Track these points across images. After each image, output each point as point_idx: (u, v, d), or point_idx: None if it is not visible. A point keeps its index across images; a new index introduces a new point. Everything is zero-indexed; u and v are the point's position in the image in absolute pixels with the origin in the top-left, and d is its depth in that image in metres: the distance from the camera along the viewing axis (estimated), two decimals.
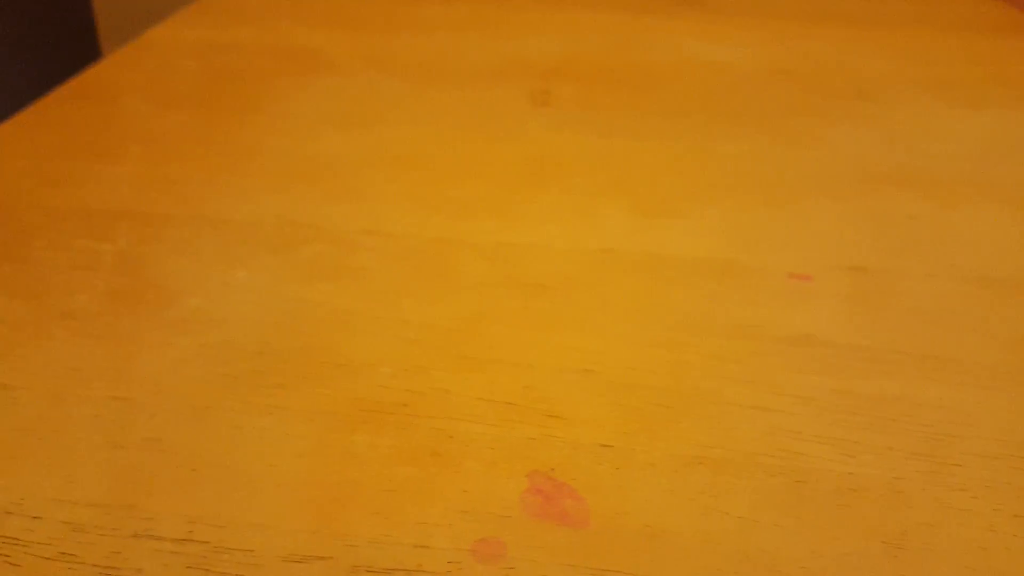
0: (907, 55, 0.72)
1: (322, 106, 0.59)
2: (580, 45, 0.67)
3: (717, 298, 0.39)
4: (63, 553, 0.28)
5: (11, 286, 0.40)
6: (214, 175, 0.50)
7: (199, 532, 0.28)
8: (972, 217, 0.46)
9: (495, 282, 0.41)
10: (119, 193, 0.48)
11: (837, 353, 0.36)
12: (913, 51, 0.73)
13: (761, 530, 0.28)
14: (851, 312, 0.38)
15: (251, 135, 0.55)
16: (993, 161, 0.53)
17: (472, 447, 0.32)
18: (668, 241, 0.43)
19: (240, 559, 0.28)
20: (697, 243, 0.43)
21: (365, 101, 0.60)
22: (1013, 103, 0.62)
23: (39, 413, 0.33)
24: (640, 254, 0.41)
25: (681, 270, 0.41)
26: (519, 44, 0.68)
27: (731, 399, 0.34)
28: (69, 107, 0.58)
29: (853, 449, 0.31)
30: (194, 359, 0.36)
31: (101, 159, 0.52)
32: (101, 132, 0.55)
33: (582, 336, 0.37)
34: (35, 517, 0.29)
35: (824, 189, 0.49)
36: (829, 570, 0.27)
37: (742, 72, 0.67)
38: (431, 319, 0.38)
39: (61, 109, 0.58)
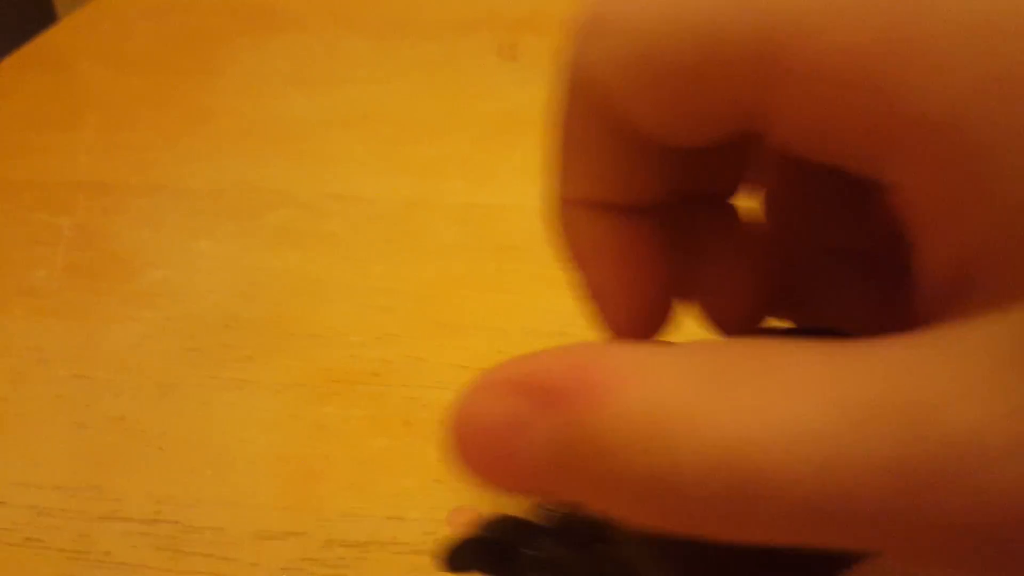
0: None
1: (283, 66, 0.57)
2: None
3: None
4: (29, 539, 0.27)
5: None
6: (174, 141, 0.49)
7: (168, 512, 0.28)
8: None
9: (467, 245, 0.40)
10: (76, 163, 0.47)
11: None
12: None
13: None
14: None
15: (211, 98, 0.53)
16: None
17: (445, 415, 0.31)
18: None
19: (210, 538, 0.27)
20: None
21: (328, 59, 0.58)
22: None
23: (0, 394, 0.32)
24: None
25: None
26: None
27: None
28: (23, 75, 0.57)
29: None
30: (159, 334, 0.35)
31: (57, 128, 0.50)
32: (56, 100, 0.54)
33: (556, 298, 0.36)
34: None
35: None
36: None
37: None
38: (402, 285, 0.38)
39: (14, 77, 0.56)
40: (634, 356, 0.14)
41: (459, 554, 0.23)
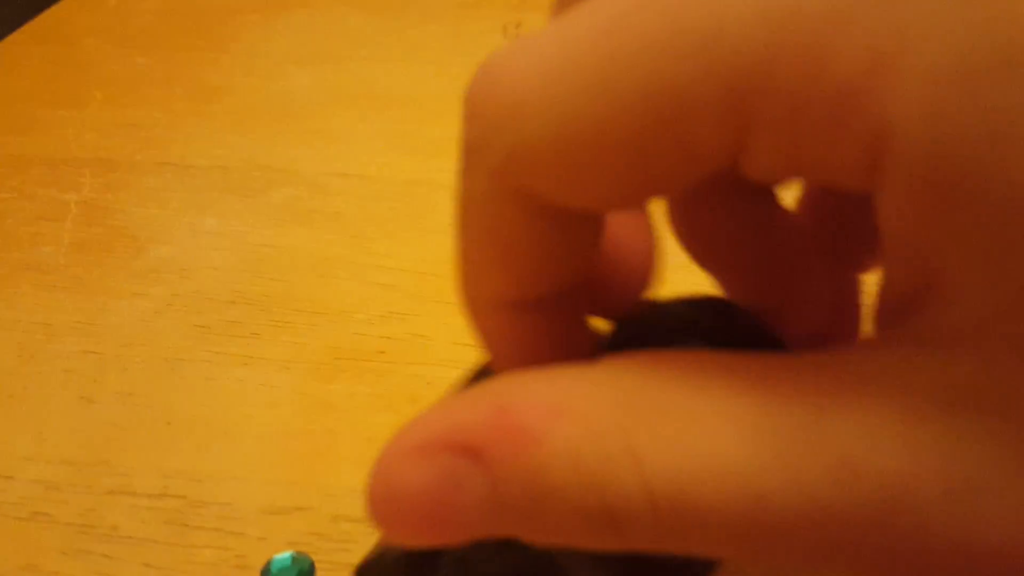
0: None
1: (289, 44, 0.57)
2: None
3: None
4: (37, 513, 0.27)
5: None
6: (179, 119, 0.49)
7: (175, 487, 0.28)
8: None
9: None
10: (83, 140, 0.47)
11: None
12: None
13: None
14: None
15: (216, 76, 0.53)
16: None
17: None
18: None
19: (218, 513, 0.27)
20: None
21: (334, 37, 0.58)
22: None
23: (8, 369, 0.32)
24: None
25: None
26: None
27: None
28: (28, 51, 0.56)
29: None
30: (165, 310, 0.35)
31: (63, 105, 0.50)
32: (62, 76, 0.54)
33: None
34: (7, 477, 0.28)
35: None
36: None
37: None
38: (407, 263, 0.38)
39: (20, 53, 0.56)
40: (554, 389, 0.13)
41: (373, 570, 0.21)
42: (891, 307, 0.13)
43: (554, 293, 0.16)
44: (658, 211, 0.18)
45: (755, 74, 0.11)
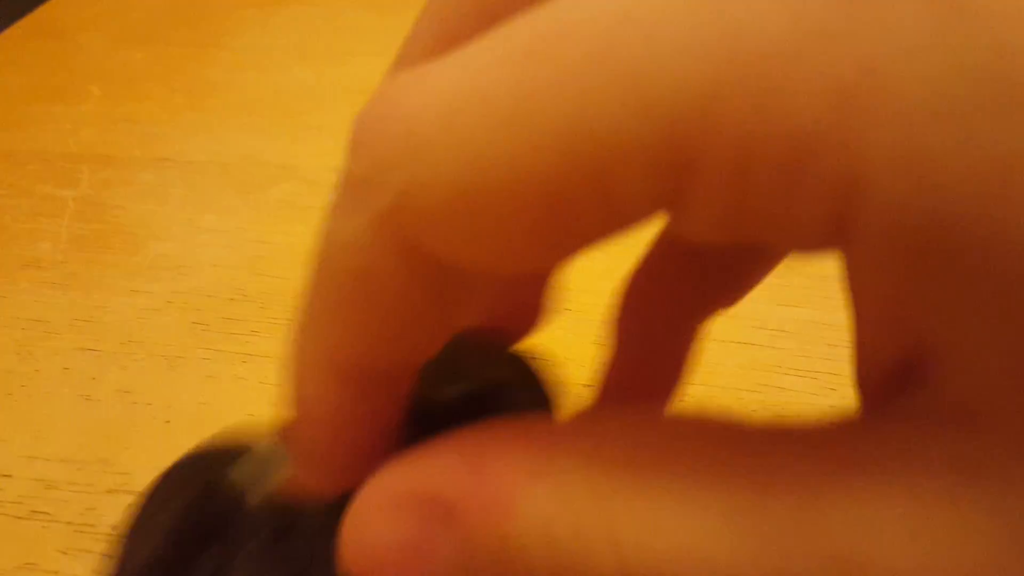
0: None
1: (288, 38, 0.57)
2: None
3: None
4: (35, 512, 0.27)
5: None
6: (177, 114, 0.49)
7: None
8: None
9: None
10: (80, 136, 0.47)
11: (817, 285, 0.35)
12: None
13: None
14: None
15: (215, 71, 0.53)
16: None
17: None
18: None
19: None
20: None
21: (334, 32, 0.58)
22: None
23: (6, 367, 0.32)
24: None
25: None
26: None
27: (711, 334, 0.33)
28: (24, 46, 0.56)
29: (834, 382, 0.31)
30: (164, 307, 0.35)
31: (60, 100, 0.50)
32: (59, 72, 0.53)
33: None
34: (5, 475, 0.28)
35: None
36: None
37: None
38: None
39: (16, 49, 0.56)
40: (532, 450, 0.12)
41: None
42: (876, 377, 0.12)
43: (408, 363, 0.14)
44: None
45: (696, 116, 0.09)
